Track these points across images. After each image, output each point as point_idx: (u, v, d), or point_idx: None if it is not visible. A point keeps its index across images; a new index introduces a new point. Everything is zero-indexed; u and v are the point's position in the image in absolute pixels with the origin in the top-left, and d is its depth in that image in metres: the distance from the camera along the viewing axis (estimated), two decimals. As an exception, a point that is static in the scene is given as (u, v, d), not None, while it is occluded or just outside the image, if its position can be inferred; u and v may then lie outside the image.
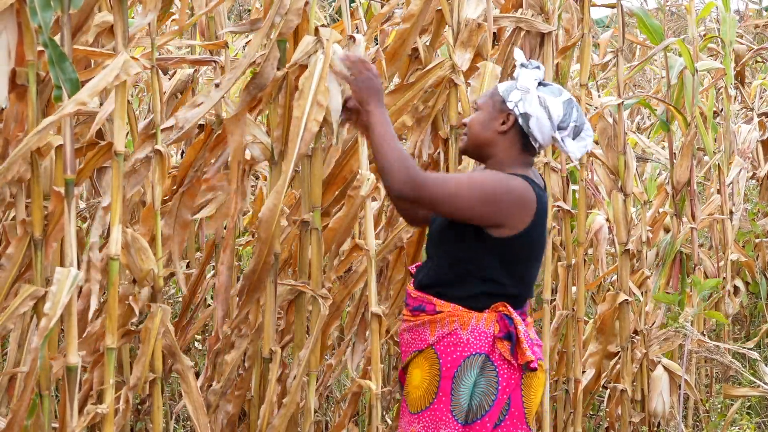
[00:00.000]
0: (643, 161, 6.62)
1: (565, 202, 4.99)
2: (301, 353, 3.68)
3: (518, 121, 3.37)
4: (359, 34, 3.63)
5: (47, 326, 2.93)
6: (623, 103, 5.19)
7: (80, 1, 2.88)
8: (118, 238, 3.14)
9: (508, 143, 3.39)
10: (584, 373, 5.26)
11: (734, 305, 6.46)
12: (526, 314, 3.44)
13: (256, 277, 3.64)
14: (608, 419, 5.47)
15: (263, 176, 4.81)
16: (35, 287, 3.09)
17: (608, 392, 5.47)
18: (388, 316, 4.06)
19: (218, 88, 3.40)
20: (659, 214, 6.30)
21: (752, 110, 7.09)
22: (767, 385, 5.42)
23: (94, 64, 3.60)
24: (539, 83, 3.41)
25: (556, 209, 5.05)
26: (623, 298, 5.24)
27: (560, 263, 5.12)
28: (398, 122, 4.06)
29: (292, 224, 3.93)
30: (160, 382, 3.51)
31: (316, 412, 4.47)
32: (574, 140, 3.42)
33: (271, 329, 3.71)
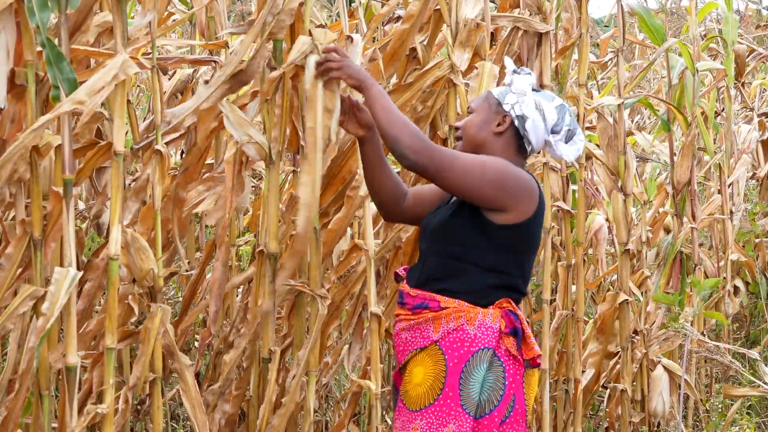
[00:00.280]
0: (643, 161, 6.62)
1: (564, 202, 4.98)
2: (300, 353, 3.68)
3: (514, 123, 3.40)
4: (357, 34, 3.63)
5: (44, 326, 2.94)
6: (623, 102, 5.20)
7: (77, 1, 2.89)
8: (117, 237, 3.14)
9: (503, 144, 3.40)
10: (584, 373, 5.26)
11: (734, 305, 6.45)
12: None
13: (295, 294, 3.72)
14: (608, 419, 5.46)
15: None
16: (35, 287, 3.10)
17: (608, 392, 5.47)
18: (386, 315, 4.06)
19: (208, 84, 3.41)
20: (659, 214, 6.30)
21: (752, 110, 7.08)
22: (767, 385, 5.42)
23: (95, 63, 3.61)
24: (532, 89, 3.46)
25: (555, 209, 5.05)
26: (623, 298, 5.24)
27: (560, 263, 5.12)
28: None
29: (290, 225, 3.93)
30: (159, 382, 3.51)
31: (315, 412, 4.47)
32: (566, 144, 3.46)
33: (270, 329, 3.71)
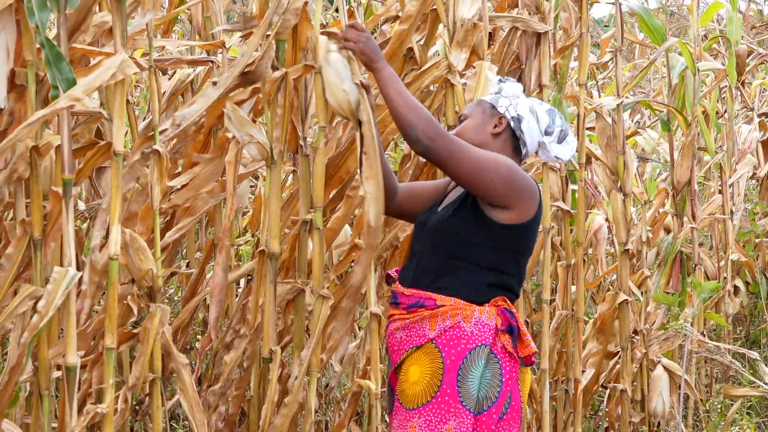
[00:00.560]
0: (642, 161, 6.62)
1: (564, 202, 4.98)
2: (302, 353, 3.67)
3: (510, 124, 3.42)
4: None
5: (38, 324, 2.94)
6: (622, 103, 5.19)
7: (76, 1, 2.89)
8: (117, 238, 3.13)
9: (501, 146, 3.42)
10: (584, 373, 5.25)
11: (734, 305, 6.45)
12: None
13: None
14: (608, 419, 5.46)
15: (262, 176, 4.80)
16: (34, 287, 3.09)
17: (608, 392, 5.47)
18: (384, 314, 4.06)
19: (216, 86, 3.40)
20: (659, 214, 6.29)
21: (752, 110, 7.08)
22: (767, 385, 5.42)
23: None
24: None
25: (555, 209, 5.05)
26: (623, 298, 5.24)
27: (560, 263, 5.12)
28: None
29: (291, 224, 3.93)
30: (159, 382, 3.51)
31: (316, 412, 4.47)
32: (559, 144, 3.49)
33: (270, 329, 3.71)
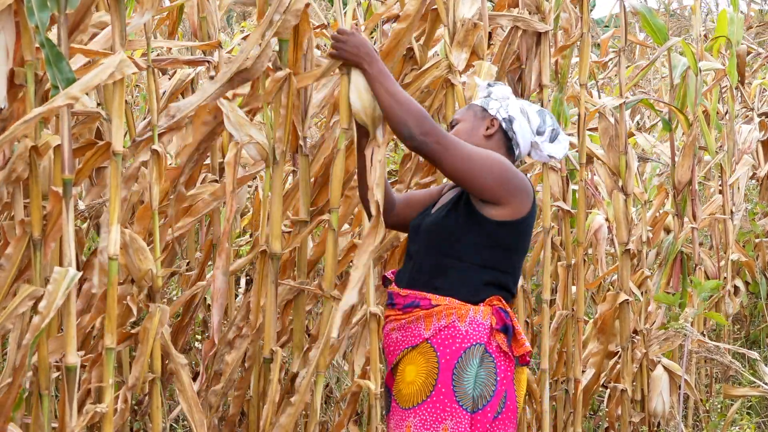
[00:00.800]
0: (643, 161, 6.61)
1: (564, 202, 4.98)
2: (311, 353, 3.66)
3: (502, 125, 3.43)
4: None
5: (39, 324, 2.93)
6: (625, 103, 5.19)
7: (77, 1, 2.89)
8: (116, 238, 3.13)
9: (494, 147, 3.42)
10: (584, 373, 5.25)
11: (734, 305, 6.45)
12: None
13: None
14: (608, 419, 5.46)
15: (260, 177, 4.80)
16: (34, 287, 3.08)
17: (608, 392, 5.47)
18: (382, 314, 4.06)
19: (213, 81, 3.41)
20: (660, 214, 6.29)
21: (752, 110, 7.07)
22: (767, 385, 5.42)
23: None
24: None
25: (555, 209, 5.05)
26: (623, 298, 5.24)
27: (560, 263, 5.12)
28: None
29: (292, 226, 3.93)
30: (158, 382, 3.51)
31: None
32: (552, 143, 3.50)
33: (271, 329, 3.71)
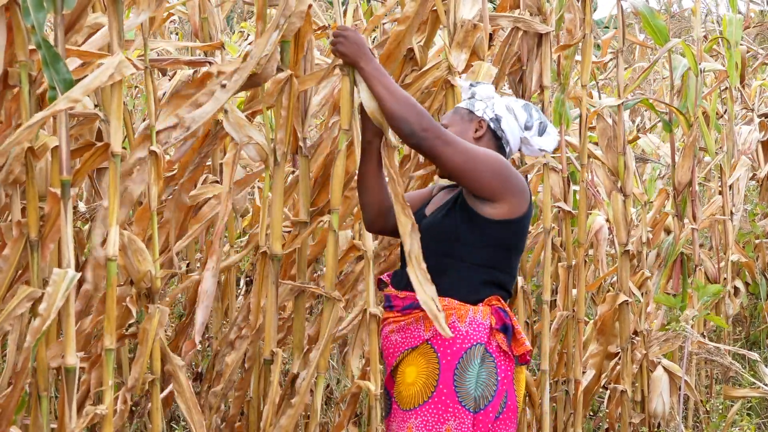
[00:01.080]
0: (642, 162, 6.61)
1: (565, 202, 4.98)
2: (311, 355, 3.66)
3: (490, 126, 3.42)
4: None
5: (40, 327, 2.93)
6: (623, 104, 5.19)
7: (73, 1, 2.87)
8: (115, 239, 3.12)
9: (485, 147, 3.40)
10: (584, 374, 5.25)
11: (734, 306, 6.45)
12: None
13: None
14: (608, 420, 5.46)
15: (261, 177, 4.80)
16: (32, 288, 3.08)
17: (608, 393, 5.47)
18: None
19: (225, 89, 3.38)
20: (660, 215, 6.29)
21: (752, 111, 7.07)
22: (767, 386, 5.41)
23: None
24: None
25: (556, 210, 5.05)
26: (623, 299, 5.23)
27: (560, 264, 5.11)
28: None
29: (292, 226, 3.93)
30: (158, 382, 3.50)
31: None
32: (541, 137, 3.49)
33: (272, 330, 3.70)
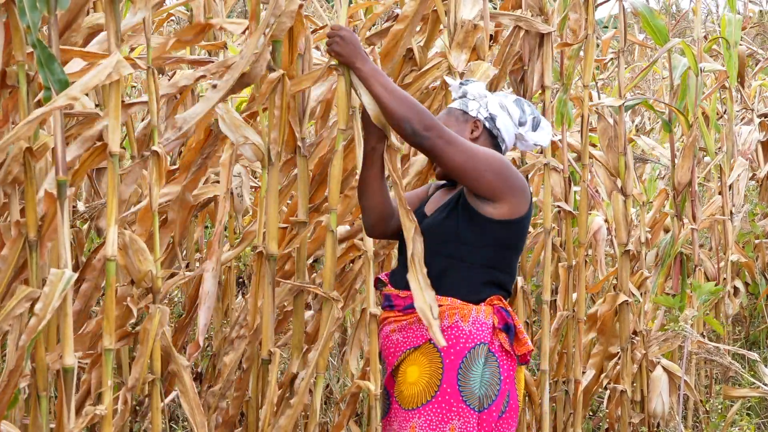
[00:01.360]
0: (642, 162, 6.61)
1: (566, 202, 4.98)
2: (310, 355, 3.66)
3: (486, 125, 3.41)
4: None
5: (36, 327, 2.92)
6: (624, 104, 5.19)
7: (67, 2, 2.87)
8: (114, 239, 3.12)
9: None
10: (584, 373, 5.25)
11: (734, 306, 6.44)
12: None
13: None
14: (608, 420, 5.46)
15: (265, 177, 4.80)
16: (31, 288, 3.08)
17: (608, 393, 5.47)
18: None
19: (216, 89, 3.38)
20: (659, 215, 6.29)
21: (752, 111, 7.07)
22: (767, 386, 5.41)
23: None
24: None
25: (557, 210, 5.05)
26: (623, 299, 5.23)
27: (561, 264, 5.11)
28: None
29: (292, 226, 3.93)
30: (158, 383, 3.50)
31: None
32: (535, 132, 3.48)
33: (269, 330, 3.70)
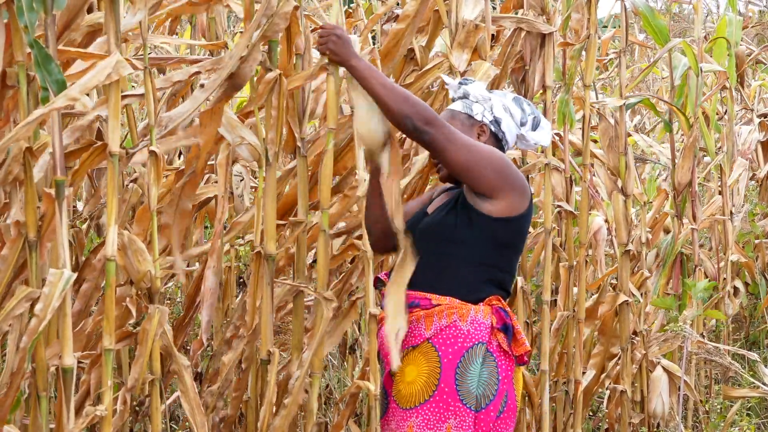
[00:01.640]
0: (642, 162, 6.61)
1: (567, 202, 4.98)
2: (304, 355, 3.66)
3: (491, 128, 3.42)
4: (354, 35, 3.63)
5: (37, 327, 2.92)
6: (625, 103, 5.19)
7: (64, 2, 2.87)
8: (114, 239, 3.13)
9: None
10: (584, 374, 5.25)
11: (734, 306, 6.44)
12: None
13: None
14: (608, 420, 5.46)
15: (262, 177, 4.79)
16: (30, 289, 3.07)
17: (608, 393, 5.46)
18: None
19: (203, 88, 3.38)
20: (659, 215, 6.28)
21: (752, 111, 7.06)
22: (767, 386, 5.41)
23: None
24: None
25: (557, 210, 5.05)
26: (623, 299, 5.23)
27: (561, 264, 5.11)
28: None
29: (291, 226, 3.92)
30: (158, 383, 3.50)
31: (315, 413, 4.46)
32: (535, 131, 3.49)
33: (268, 331, 3.70)
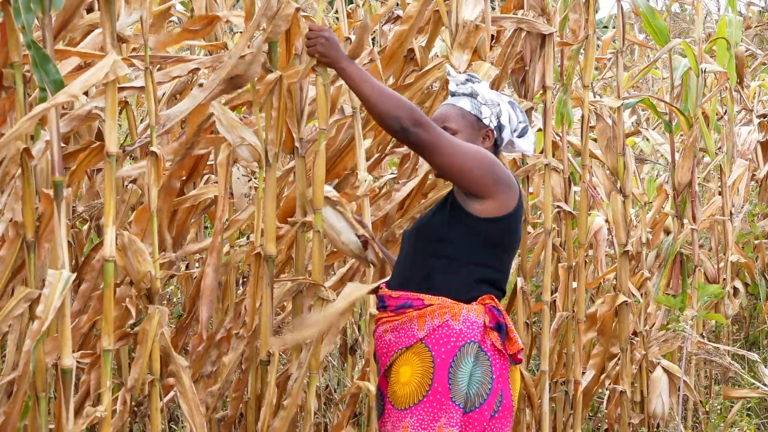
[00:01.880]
0: (641, 162, 6.61)
1: (566, 203, 4.98)
2: (302, 355, 3.67)
3: (494, 134, 3.42)
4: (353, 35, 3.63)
5: (39, 329, 2.92)
6: (623, 104, 5.19)
7: (61, 2, 2.87)
8: (112, 239, 3.12)
9: None
10: (584, 374, 5.25)
11: (734, 307, 6.44)
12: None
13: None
14: (608, 421, 5.46)
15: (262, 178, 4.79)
16: (29, 289, 3.08)
17: (608, 393, 5.46)
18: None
19: (202, 87, 3.38)
20: (660, 215, 6.29)
21: (751, 111, 7.06)
22: (767, 386, 5.41)
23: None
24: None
25: (557, 210, 5.05)
26: (623, 299, 5.23)
27: (561, 264, 5.11)
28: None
29: (290, 226, 3.92)
30: (158, 383, 3.50)
31: (315, 413, 4.46)
32: (521, 138, 3.49)
33: (268, 331, 3.70)
